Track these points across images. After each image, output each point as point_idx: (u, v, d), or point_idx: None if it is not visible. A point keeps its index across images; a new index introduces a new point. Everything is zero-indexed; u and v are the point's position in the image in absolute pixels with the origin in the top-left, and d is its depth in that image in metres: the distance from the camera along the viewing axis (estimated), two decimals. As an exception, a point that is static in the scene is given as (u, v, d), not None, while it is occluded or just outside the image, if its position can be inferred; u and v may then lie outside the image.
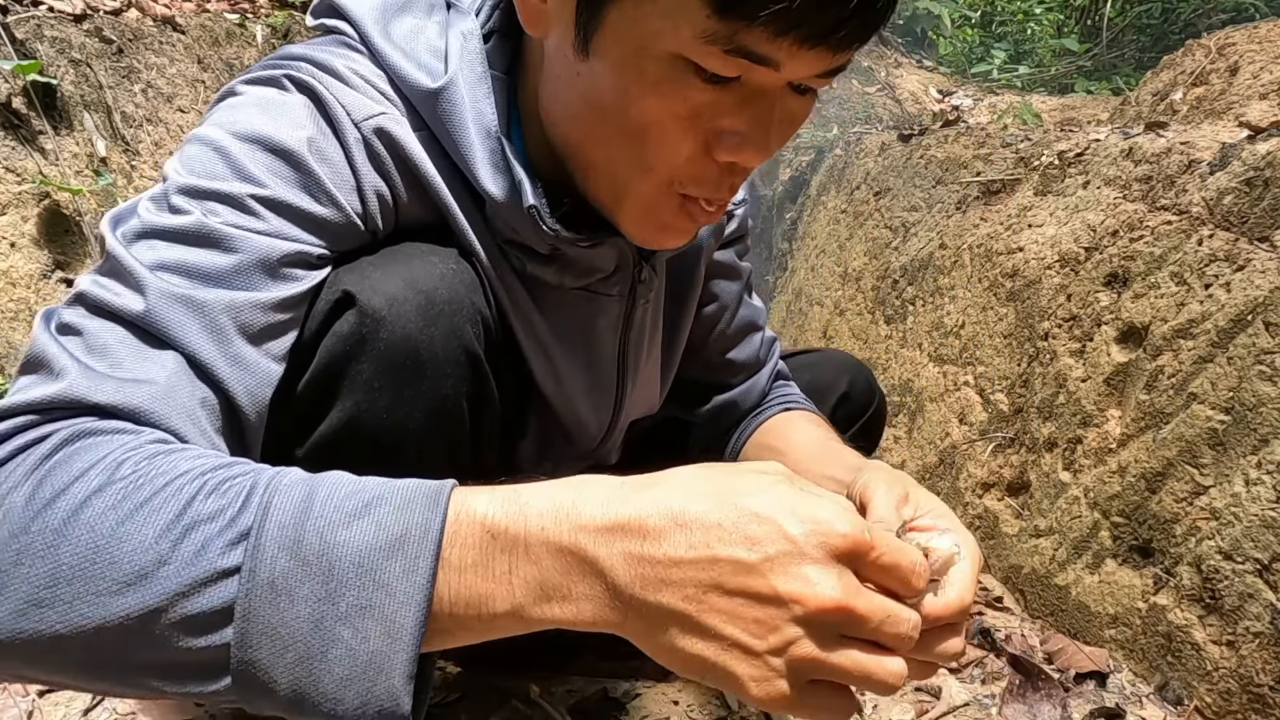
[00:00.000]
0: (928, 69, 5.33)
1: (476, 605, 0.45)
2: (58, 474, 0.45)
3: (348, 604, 0.43)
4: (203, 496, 0.44)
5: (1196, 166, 1.42)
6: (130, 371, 0.51)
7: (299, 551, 0.43)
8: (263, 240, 0.58)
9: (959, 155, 2.32)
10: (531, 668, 1.19)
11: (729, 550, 0.43)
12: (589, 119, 0.64)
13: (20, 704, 1.07)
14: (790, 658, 0.44)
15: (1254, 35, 2.23)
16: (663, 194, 0.66)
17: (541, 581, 0.45)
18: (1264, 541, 1.12)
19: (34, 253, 1.81)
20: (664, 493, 0.45)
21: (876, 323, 2.52)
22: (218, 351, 0.55)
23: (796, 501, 0.45)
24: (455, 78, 0.67)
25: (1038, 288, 1.72)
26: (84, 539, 0.43)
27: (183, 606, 0.42)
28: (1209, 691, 1.17)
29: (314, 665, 0.43)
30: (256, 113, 0.61)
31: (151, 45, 2.19)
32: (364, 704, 0.43)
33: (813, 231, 3.42)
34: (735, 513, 0.44)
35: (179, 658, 0.43)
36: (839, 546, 0.44)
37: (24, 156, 1.82)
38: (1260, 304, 1.19)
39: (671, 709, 1.13)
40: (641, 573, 0.44)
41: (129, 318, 0.53)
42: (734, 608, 0.43)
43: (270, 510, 0.44)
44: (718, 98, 0.59)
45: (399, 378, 0.62)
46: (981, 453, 1.79)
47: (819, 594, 0.43)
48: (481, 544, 0.45)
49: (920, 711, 1.19)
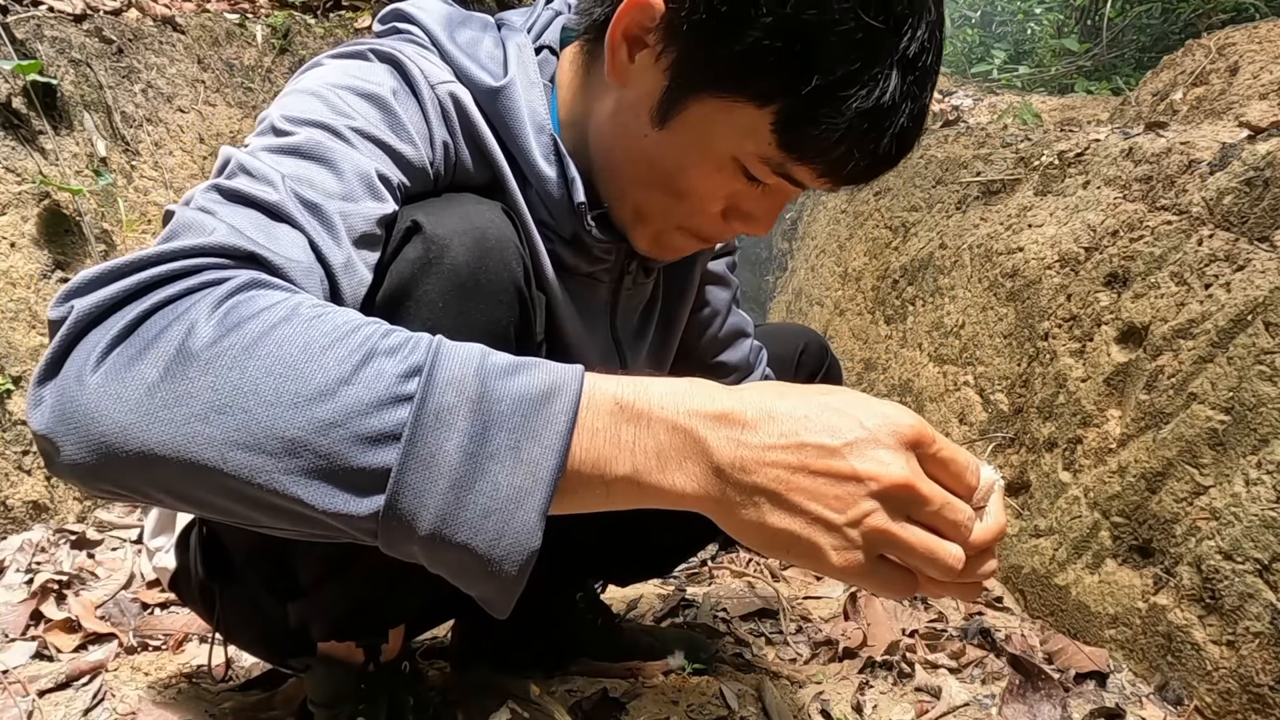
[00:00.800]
0: (928, 69, 5.31)
1: (601, 466, 0.50)
2: (244, 307, 0.48)
3: (499, 443, 0.47)
4: (380, 335, 0.49)
5: (1196, 166, 1.42)
6: (276, 243, 0.56)
7: (463, 390, 0.47)
8: (361, 158, 0.65)
9: (959, 155, 2.32)
10: (531, 668, 1.19)
11: (814, 437, 0.50)
12: (643, 170, 0.76)
13: (20, 704, 1.07)
14: (865, 529, 0.50)
15: (1254, 35, 2.23)
16: (675, 231, 0.81)
17: (659, 452, 0.50)
18: (1264, 541, 1.12)
19: (34, 253, 1.81)
20: (758, 392, 0.52)
21: (876, 323, 2.52)
22: (335, 248, 0.60)
23: (869, 401, 0.52)
24: (515, 79, 0.77)
25: (1038, 288, 1.72)
26: (272, 355, 0.47)
27: (358, 424, 0.46)
28: (1209, 691, 1.17)
29: (462, 494, 0.47)
30: (343, 71, 0.70)
31: (151, 45, 2.18)
32: (499, 535, 0.47)
33: (813, 231, 3.42)
34: (819, 408, 0.51)
35: (343, 473, 0.46)
36: (906, 435, 0.51)
37: (24, 156, 1.82)
38: (1260, 304, 1.19)
39: (671, 709, 1.13)
40: (741, 455, 0.50)
41: (263, 204, 0.57)
42: (818, 486, 0.50)
43: (440, 354, 0.49)
44: (749, 190, 0.75)
45: (461, 298, 0.69)
46: (981, 453, 1.79)
47: (891, 472, 0.49)
48: (611, 414, 0.50)
49: (920, 711, 1.19)
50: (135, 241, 2.02)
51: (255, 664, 1.21)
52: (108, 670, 1.17)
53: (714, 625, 1.47)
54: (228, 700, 1.11)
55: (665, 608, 1.54)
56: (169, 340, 0.46)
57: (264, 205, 0.57)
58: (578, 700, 1.13)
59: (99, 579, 1.49)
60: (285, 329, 0.47)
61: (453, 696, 1.11)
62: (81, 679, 1.14)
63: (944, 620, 1.51)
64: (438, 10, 0.80)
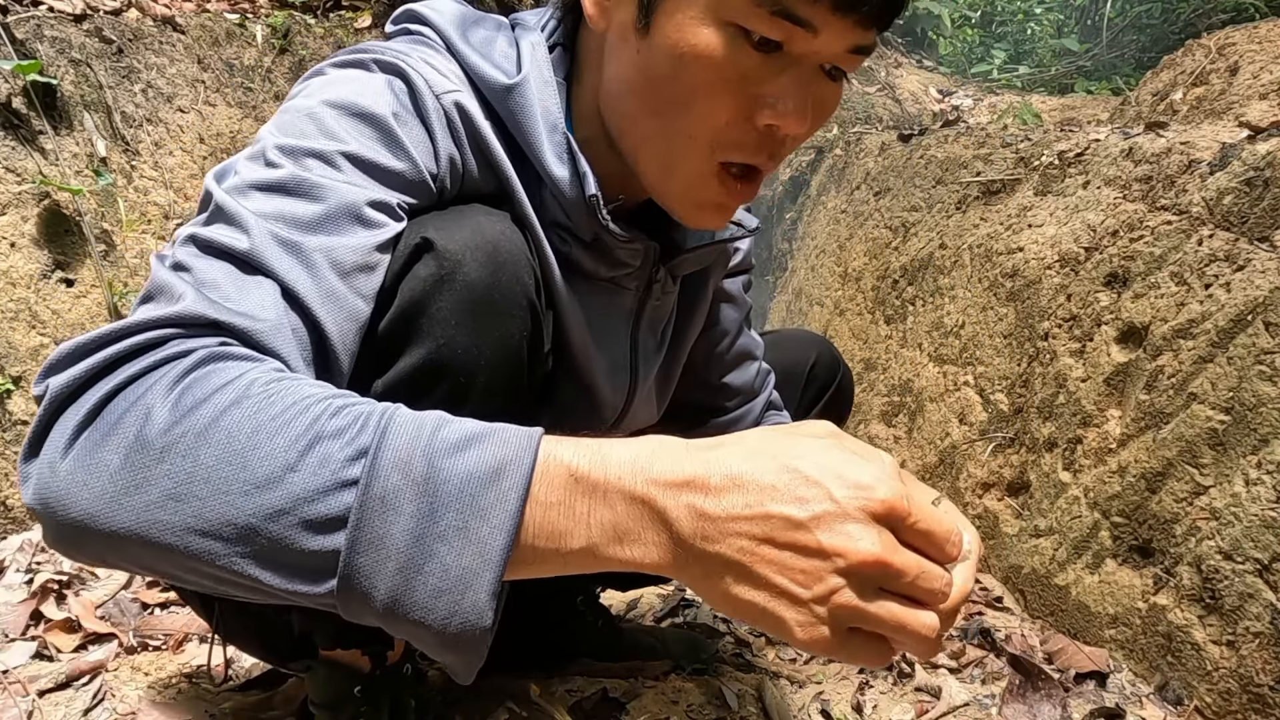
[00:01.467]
0: (928, 69, 5.33)
1: (556, 540, 0.49)
2: (197, 388, 0.50)
3: (446, 524, 0.47)
4: (328, 416, 0.49)
5: (1196, 166, 1.42)
6: (243, 302, 0.57)
7: (409, 472, 0.48)
8: (349, 189, 0.64)
9: (959, 155, 2.32)
10: (531, 668, 1.19)
11: (781, 508, 0.48)
12: (644, 92, 0.71)
13: (20, 704, 1.07)
14: (832, 606, 0.48)
15: (1254, 35, 2.23)
16: (705, 164, 0.73)
17: (615, 524, 0.49)
18: (1264, 541, 1.12)
19: (34, 253, 1.81)
20: (726, 454, 0.50)
21: (876, 323, 2.52)
22: (313, 285, 0.60)
23: (844, 465, 0.49)
24: (528, 77, 0.75)
25: (1038, 288, 1.72)
26: (222, 443, 0.48)
27: (305, 510, 0.47)
28: (1209, 691, 1.17)
29: (411, 576, 0.47)
30: (343, 85, 0.69)
31: (151, 45, 2.18)
32: (451, 615, 0.48)
33: (813, 231, 3.42)
34: (788, 475, 0.49)
35: (293, 558, 0.48)
36: (877, 510, 0.48)
37: (24, 156, 1.82)
38: (1260, 304, 1.19)
39: (671, 709, 1.13)
40: (703, 526, 0.48)
41: (235, 254, 0.58)
42: (783, 559, 0.48)
43: (387, 434, 0.49)
44: (762, 64, 0.67)
45: (475, 315, 0.69)
46: (981, 453, 1.79)
47: (859, 548, 0.47)
48: (565, 485, 0.49)
49: (920, 711, 1.19)
50: (135, 241, 2.02)
51: (255, 664, 1.21)
52: (108, 670, 1.17)
53: (714, 625, 1.47)
54: (228, 700, 1.11)
55: (665, 608, 1.54)
56: (128, 427, 0.49)
57: (238, 256, 0.58)
58: (578, 700, 1.13)
59: (99, 579, 1.49)
60: (235, 413, 0.49)
61: (453, 697, 1.11)
62: (81, 679, 1.14)
63: (944, 620, 1.51)
64: (451, 10, 0.80)
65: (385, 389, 0.69)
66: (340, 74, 0.71)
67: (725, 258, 1.03)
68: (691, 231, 0.91)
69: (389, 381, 0.69)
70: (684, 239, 0.91)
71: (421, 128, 0.71)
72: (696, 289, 1.01)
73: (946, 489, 1.92)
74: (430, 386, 0.69)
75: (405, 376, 0.69)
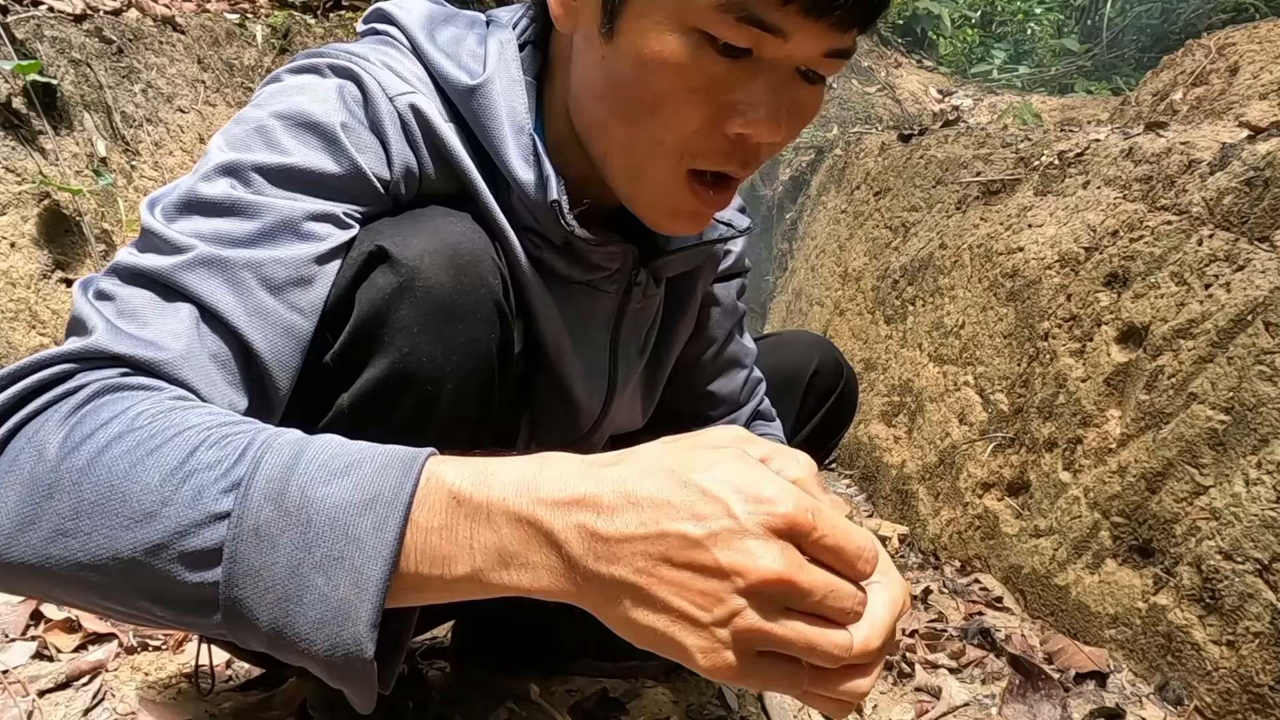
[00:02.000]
0: (928, 69, 5.33)
1: (440, 565, 0.48)
2: (86, 422, 0.50)
3: (322, 554, 0.46)
4: (204, 448, 0.49)
5: (1196, 166, 1.42)
6: (153, 330, 0.56)
7: (282, 503, 0.47)
8: (286, 203, 0.63)
9: (959, 155, 2.32)
10: (531, 668, 1.19)
11: (677, 526, 0.45)
12: (611, 98, 0.69)
13: (20, 704, 1.07)
14: (735, 629, 0.45)
15: (1254, 35, 2.23)
16: (674, 172, 0.70)
17: (500, 548, 0.47)
18: (1264, 541, 1.12)
19: (34, 253, 1.81)
20: (621, 471, 0.47)
21: (876, 323, 2.52)
22: (237, 303, 0.60)
23: (744, 479, 0.46)
24: (493, 77, 0.73)
25: (1038, 288, 1.72)
26: (102, 479, 0.48)
27: (180, 544, 0.47)
28: (1209, 691, 1.17)
29: (290, 607, 0.47)
30: (293, 95, 0.68)
31: (151, 45, 2.18)
32: (333, 647, 0.47)
33: (813, 231, 3.42)
34: (684, 490, 0.46)
35: (177, 590, 0.48)
36: (777, 525, 0.45)
37: (24, 156, 1.82)
38: (1260, 304, 1.19)
39: (671, 709, 1.13)
40: (595, 547, 0.46)
41: (156, 279, 0.58)
42: (682, 580, 0.45)
43: (261, 464, 0.48)
44: (730, 70, 0.64)
45: (438, 322, 0.67)
46: (981, 453, 1.79)
47: (760, 566, 0.44)
48: (447, 509, 0.47)
49: (920, 711, 1.19)
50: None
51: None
52: (108, 670, 1.17)
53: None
54: (228, 700, 1.11)
55: (665, 608, 1.53)
56: (23, 464, 0.49)
57: (160, 281, 0.58)
58: (578, 700, 1.13)
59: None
60: (117, 448, 0.49)
61: (452, 697, 1.11)
62: (81, 679, 1.14)
63: (944, 620, 1.51)
64: (420, 9, 0.78)
65: (351, 403, 0.68)
66: (294, 81, 0.70)
67: (715, 260, 1.01)
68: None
69: (354, 395, 0.67)
70: (666, 241, 0.88)
71: (371, 134, 0.69)
72: (685, 291, 0.98)
73: (946, 489, 1.92)
74: (397, 398, 0.67)
75: (370, 389, 0.67)
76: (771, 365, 1.18)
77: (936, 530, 1.92)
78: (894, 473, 2.18)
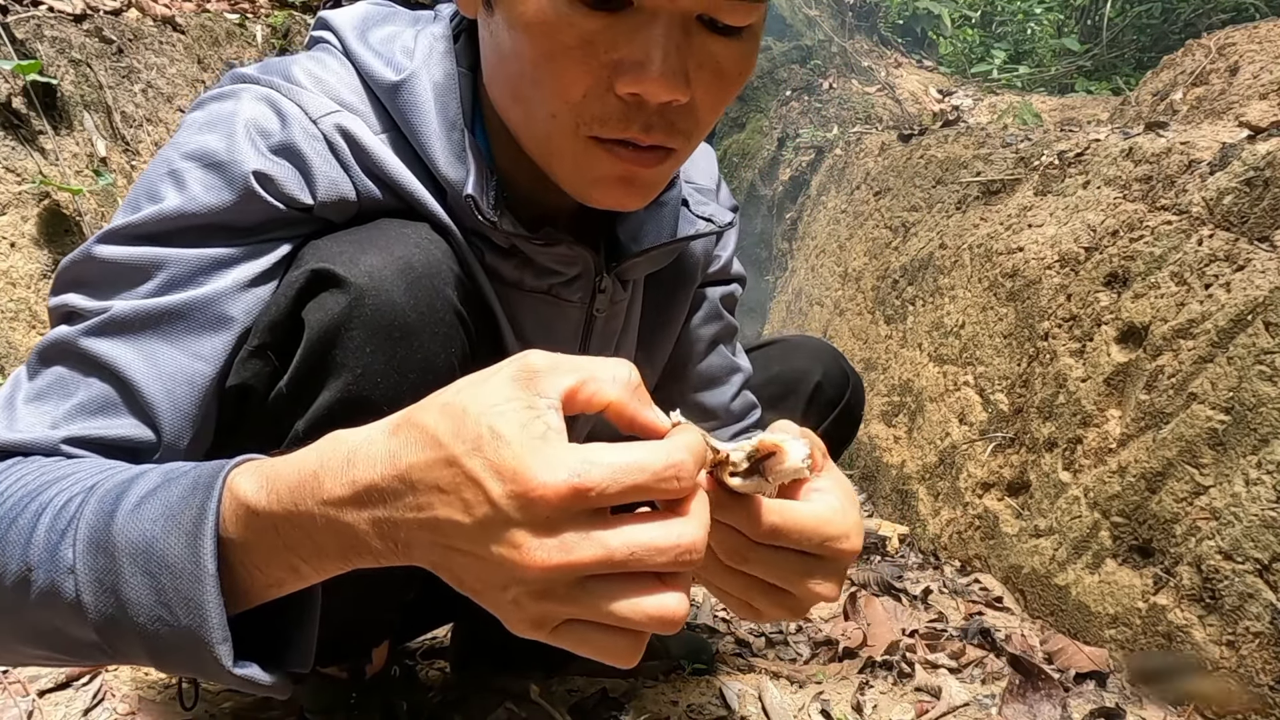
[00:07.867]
0: (928, 69, 5.32)
1: (271, 571, 0.48)
2: None
3: (160, 590, 0.47)
4: (49, 514, 0.52)
5: (1196, 166, 1.42)
6: (22, 421, 0.60)
7: (107, 547, 0.49)
8: (191, 252, 0.64)
9: (959, 155, 2.32)
10: (531, 668, 1.19)
11: (449, 514, 0.42)
12: (502, 76, 0.66)
13: (20, 704, 1.07)
14: (532, 612, 0.42)
15: (1254, 35, 2.23)
16: (575, 141, 0.65)
17: (316, 547, 0.46)
18: (1264, 541, 1.12)
19: (34, 253, 1.81)
20: (397, 444, 0.44)
21: (876, 323, 2.52)
22: (133, 356, 0.62)
23: (504, 451, 0.41)
24: (418, 71, 0.70)
25: (1038, 288, 1.72)
26: None
27: (52, 602, 0.50)
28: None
29: (152, 645, 0.48)
30: (206, 131, 0.67)
31: (151, 45, 2.18)
32: (203, 668, 0.49)
33: (813, 231, 3.42)
34: (449, 471, 0.42)
35: (63, 643, 0.52)
36: (544, 510, 0.40)
37: (24, 156, 1.82)
38: (1260, 304, 1.19)
39: (671, 709, 1.13)
40: (391, 534, 0.44)
41: (69, 351, 0.62)
42: (468, 564, 0.43)
43: (83, 513, 0.50)
44: (610, 25, 0.59)
45: (390, 342, 0.65)
46: (981, 453, 1.79)
47: (531, 560, 0.40)
48: (247, 521, 0.47)
49: (920, 711, 1.19)
50: (135, 241, 2.02)
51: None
52: (108, 670, 1.17)
53: (714, 625, 1.47)
54: (227, 701, 1.11)
55: (665, 608, 1.53)
56: None
57: (71, 353, 0.62)
58: (578, 700, 1.13)
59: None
60: None
61: (452, 697, 1.11)
62: (81, 679, 1.14)
63: (944, 620, 1.51)
64: (355, 11, 0.75)
65: (306, 431, 0.65)
66: (212, 111, 0.68)
67: (705, 261, 0.96)
68: (642, 232, 0.82)
69: (309, 422, 0.66)
70: (631, 242, 0.82)
71: (289, 165, 0.66)
72: (671, 290, 0.93)
73: (946, 489, 1.92)
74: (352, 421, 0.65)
75: (324, 415, 0.65)
76: (774, 373, 1.12)
77: (936, 530, 1.92)
78: (894, 473, 2.18)
